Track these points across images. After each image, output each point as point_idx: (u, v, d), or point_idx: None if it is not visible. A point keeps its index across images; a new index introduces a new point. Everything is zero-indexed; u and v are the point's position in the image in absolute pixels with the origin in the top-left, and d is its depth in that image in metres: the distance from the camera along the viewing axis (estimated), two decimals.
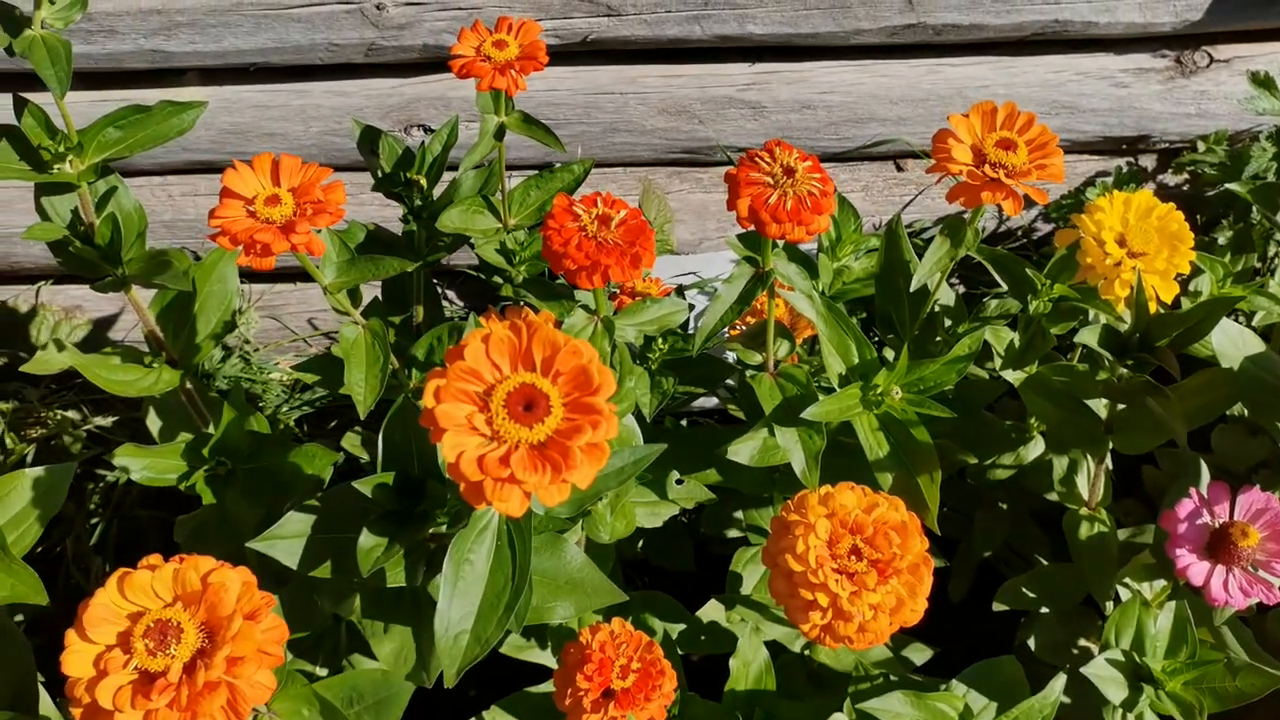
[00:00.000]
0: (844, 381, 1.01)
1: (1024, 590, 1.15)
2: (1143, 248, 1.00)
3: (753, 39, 1.49)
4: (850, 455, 1.04)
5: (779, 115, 1.57)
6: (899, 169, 1.68)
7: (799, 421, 0.97)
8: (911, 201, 1.65)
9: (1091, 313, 1.02)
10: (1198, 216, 1.54)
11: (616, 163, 1.63)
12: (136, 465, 1.01)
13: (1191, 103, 1.57)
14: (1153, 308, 1.01)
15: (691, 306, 1.20)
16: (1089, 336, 0.93)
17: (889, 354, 1.13)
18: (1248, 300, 1.07)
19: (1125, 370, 0.95)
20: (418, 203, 1.13)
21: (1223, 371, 0.95)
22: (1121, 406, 1.02)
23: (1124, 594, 1.07)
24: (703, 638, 1.15)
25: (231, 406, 1.03)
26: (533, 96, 1.51)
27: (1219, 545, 0.94)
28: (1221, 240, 1.30)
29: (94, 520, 1.56)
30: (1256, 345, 0.95)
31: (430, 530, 0.83)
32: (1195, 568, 0.94)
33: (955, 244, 0.99)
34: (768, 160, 0.87)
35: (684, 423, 1.59)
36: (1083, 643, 1.16)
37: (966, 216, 0.99)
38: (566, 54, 1.51)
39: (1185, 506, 0.96)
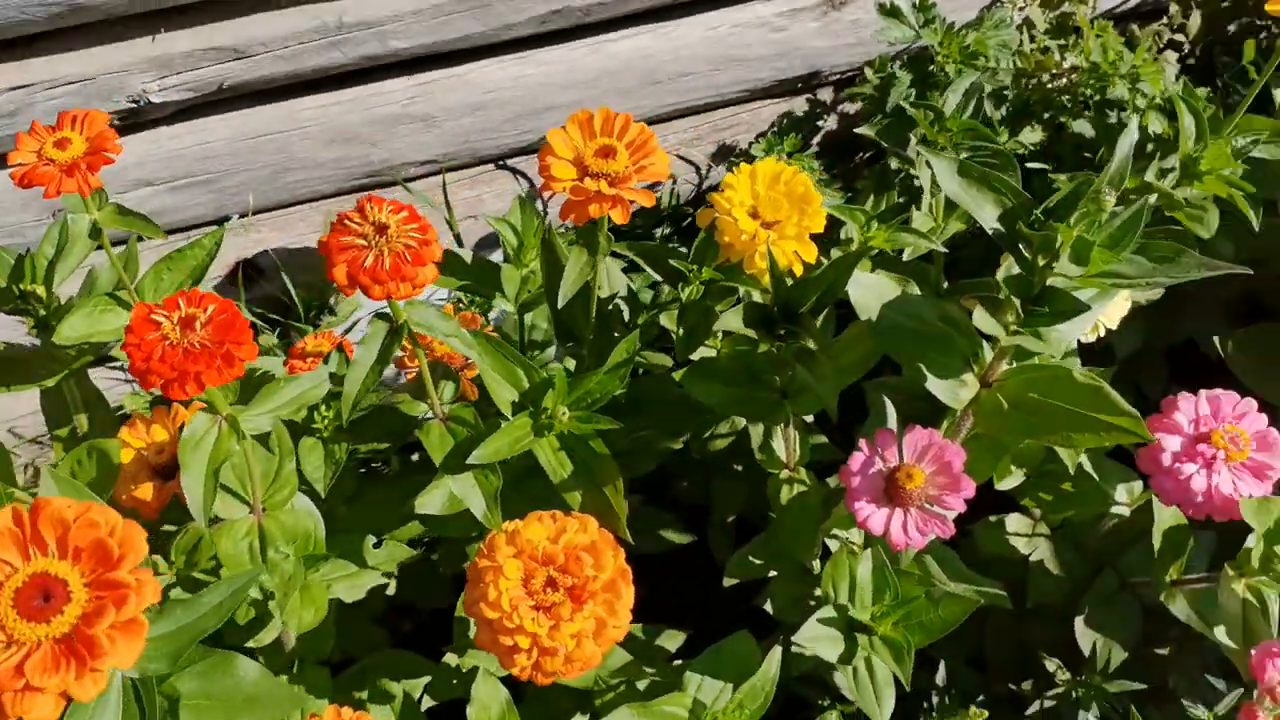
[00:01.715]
0: (518, 409, 0.99)
1: (751, 559, 1.17)
2: (775, 216, 1.01)
3: (402, 53, 1.44)
4: (546, 476, 1.03)
5: (452, 122, 1.53)
6: None
7: (474, 465, 0.94)
8: None
9: (742, 289, 1.03)
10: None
11: (297, 202, 1.56)
12: None
13: (849, 33, 1.61)
14: (800, 271, 1.03)
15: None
16: (732, 320, 0.94)
17: (571, 364, 1.12)
18: (891, 240, 1.10)
19: (773, 346, 0.97)
20: (42, 313, 1.04)
21: (864, 323, 0.98)
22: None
23: (833, 545, 1.10)
24: (454, 682, 1.13)
25: None
26: (184, 153, 1.43)
27: (892, 490, 0.97)
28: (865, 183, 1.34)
29: None
30: (893, 290, 0.97)
31: None
32: (875, 517, 0.97)
33: (593, 252, 0.98)
34: (358, 220, 0.83)
35: None
36: (819, 592, 1.19)
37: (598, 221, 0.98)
38: (211, 103, 1.42)
39: (857, 458, 0.98)
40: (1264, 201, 1.26)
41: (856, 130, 1.15)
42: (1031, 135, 1.52)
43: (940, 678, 1.21)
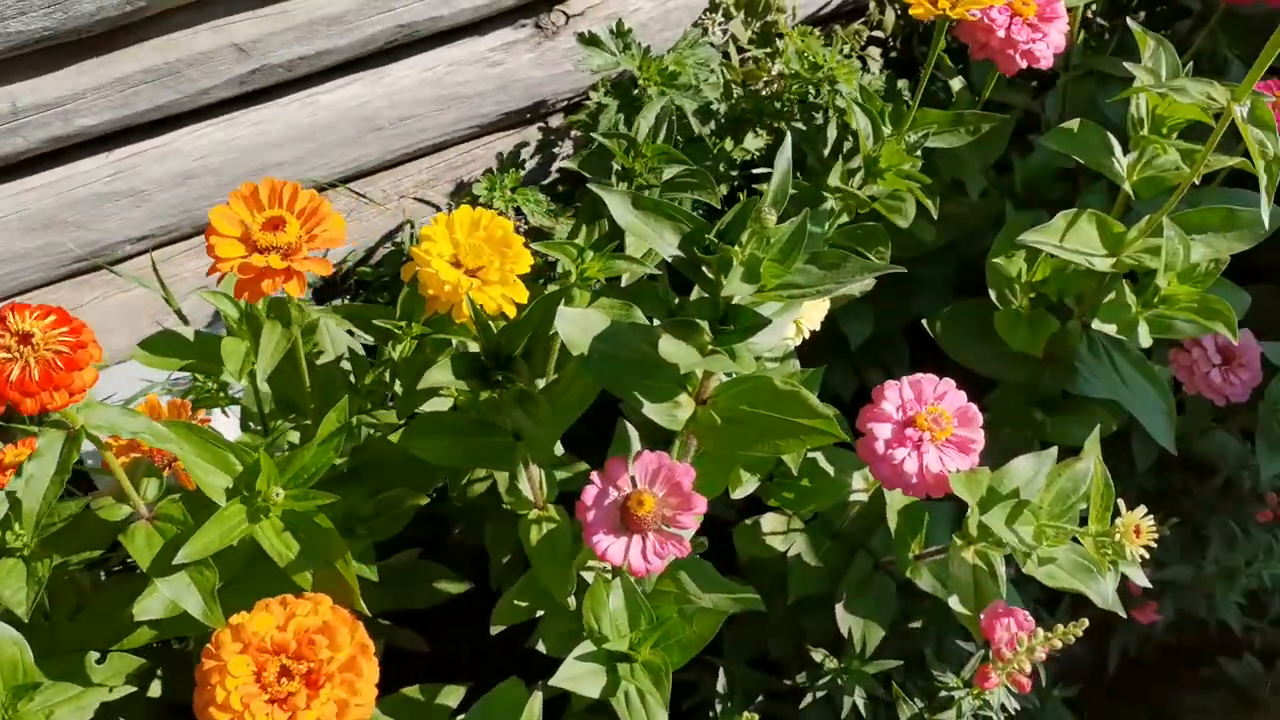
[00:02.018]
0: (232, 495, 0.95)
1: (516, 602, 1.16)
2: (477, 262, 1.00)
3: (92, 131, 1.36)
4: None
5: (164, 194, 1.46)
6: None
7: (184, 565, 0.90)
8: None
9: (456, 340, 1.02)
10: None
11: (6, 295, 1.45)
12: None
13: (565, 61, 1.62)
14: (514, 313, 1.03)
15: None
16: (439, 374, 0.93)
17: (294, 438, 1.08)
18: (605, 269, 1.11)
19: (493, 393, 0.96)
20: None
21: (577, 359, 0.98)
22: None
23: (590, 577, 1.10)
24: None
25: None
26: None
27: (627, 518, 0.98)
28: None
29: None
30: (601, 322, 0.98)
31: None
32: (613, 548, 0.97)
33: (286, 324, 0.95)
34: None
35: None
36: None
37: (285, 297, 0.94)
38: None
39: (590, 492, 0.99)
40: (954, 183, 1.34)
41: (560, 165, 1.16)
42: (755, 141, 1.57)
43: (721, 684, 1.23)
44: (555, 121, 1.74)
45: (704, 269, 0.88)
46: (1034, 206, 1.38)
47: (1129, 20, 1.13)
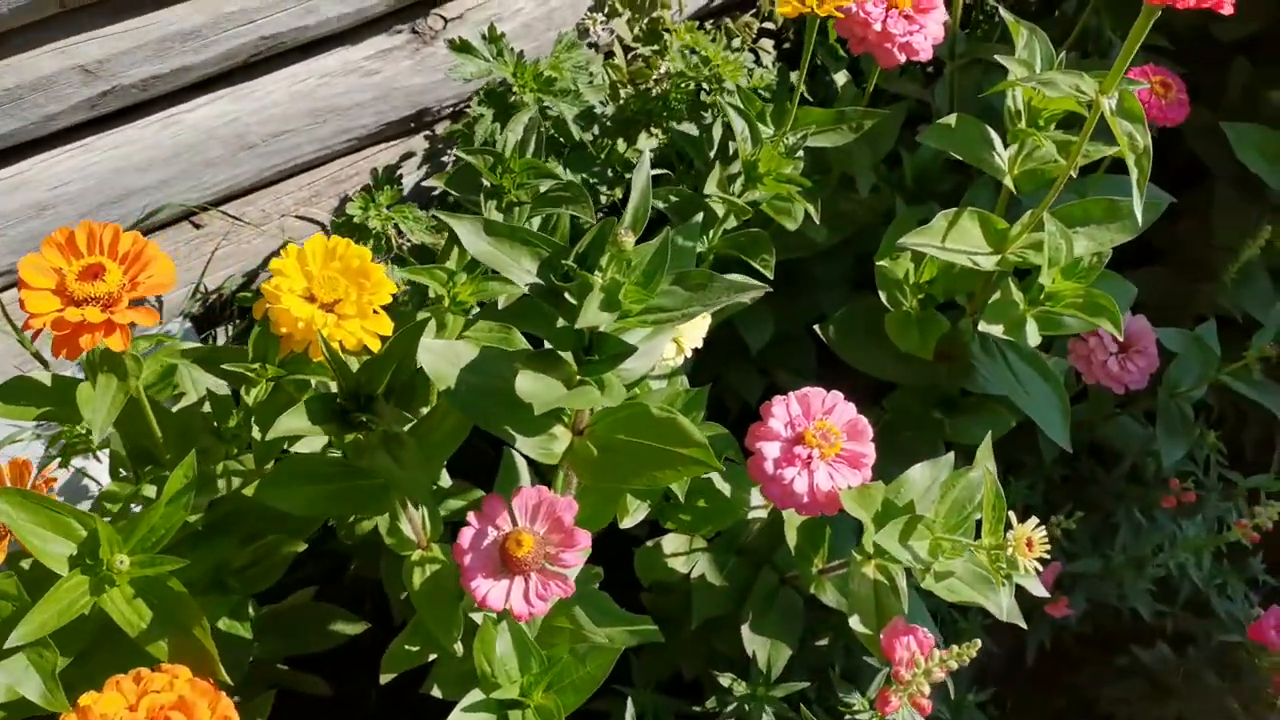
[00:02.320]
0: (75, 563, 0.88)
1: (406, 647, 1.10)
2: (333, 295, 0.94)
3: None
4: None
5: (19, 227, 1.37)
6: (197, 227, 1.54)
7: (20, 647, 0.83)
8: (212, 257, 1.52)
9: (314, 380, 0.96)
10: None
11: None
12: None
13: (446, 66, 1.56)
14: (378, 347, 0.97)
15: None
16: (292, 421, 0.86)
17: (151, 492, 1.01)
18: (478, 292, 1.05)
19: (357, 436, 0.90)
20: None
21: (443, 393, 0.93)
22: None
23: (479, 618, 1.05)
24: None
25: None
26: None
27: (506, 560, 0.93)
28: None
29: None
30: (470, 353, 0.93)
31: None
32: (494, 592, 0.92)
33: (122, 376, 0.88)
34: None
35: None
36: None
37: (128, 350, 0.87)
38: None
39: (467, 533, 0.93)
40: (845, 178, 1.30)
41: (425, 183, 1.09)
42: (649, 141, 1.52)
43: (629, 714, 1.19)
44: (441, 129, 1.68)
45: (568, 295, 0.83)
46: (926, 199, 1.35)
47: (1000, 9, 1.09)
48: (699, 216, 1.14)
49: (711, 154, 1.29)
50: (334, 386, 0.97)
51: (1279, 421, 1.47)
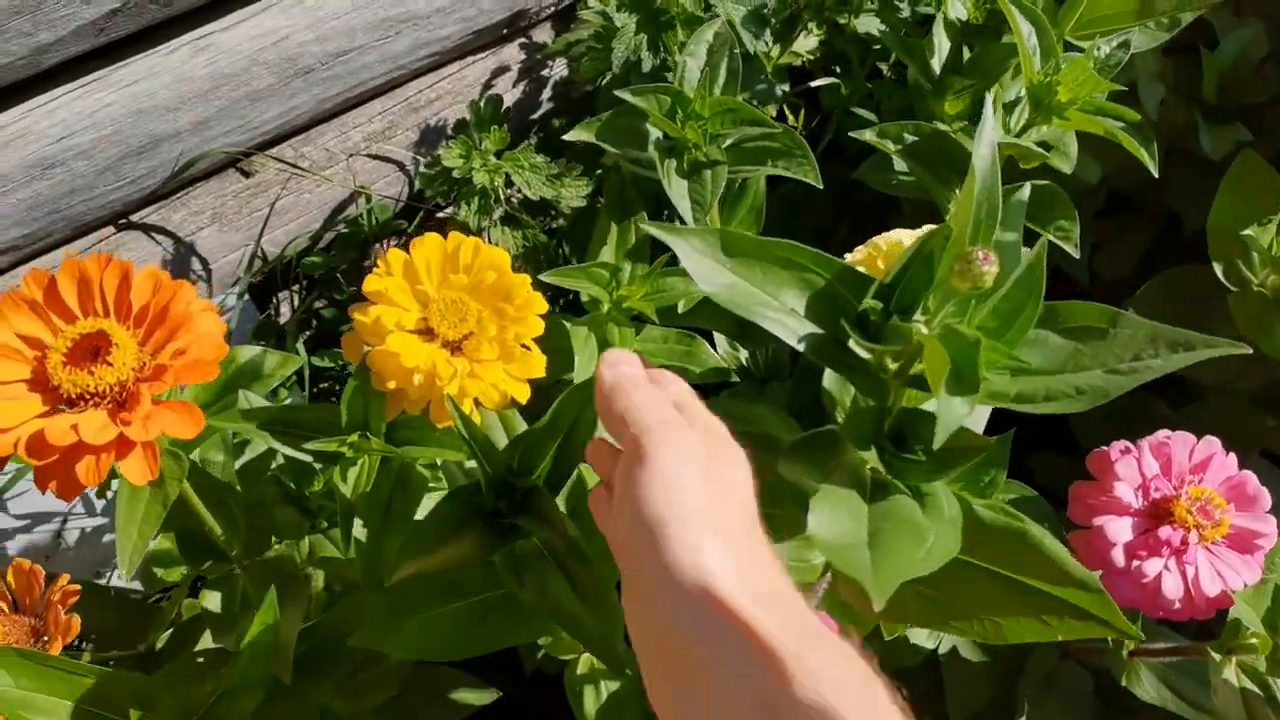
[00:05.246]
0: None
1: None
2: (460, 329, 0.62)
3: None
4: None
5: (22, 192, 1.06)
6: (246, 175, 1.22)
7: None
8: (271, 212, 1.20)
9: (440, 460, 0.64)
10: None
11: None
12: None
13: None
14: (525, 399, 0.65)
15: None
16: (414, 564, 0.55)
17: (213, 602, 0.71)
18: (656, 296, 0.72)
19: (512, 548, 0.59)
20: None
21: None
22: None
23: None
24: None
25: None
26: None
27: None
28: None
29: None
30: None
31: None
32: None
33: (157, 483, 0.57)
34: None
35: None
36: None
37: None
38: None
39: None
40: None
41: (565, 138, 0.75)
42: (806, 43, 1.16)
43: None
44: (540, 35, 1.32)
45: (858, 349, 0.50)
46: (1231, 117, 0.97)
47: None
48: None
49: (936, 65, 0.93)
50: (471, 465, 0.66)
51: None
